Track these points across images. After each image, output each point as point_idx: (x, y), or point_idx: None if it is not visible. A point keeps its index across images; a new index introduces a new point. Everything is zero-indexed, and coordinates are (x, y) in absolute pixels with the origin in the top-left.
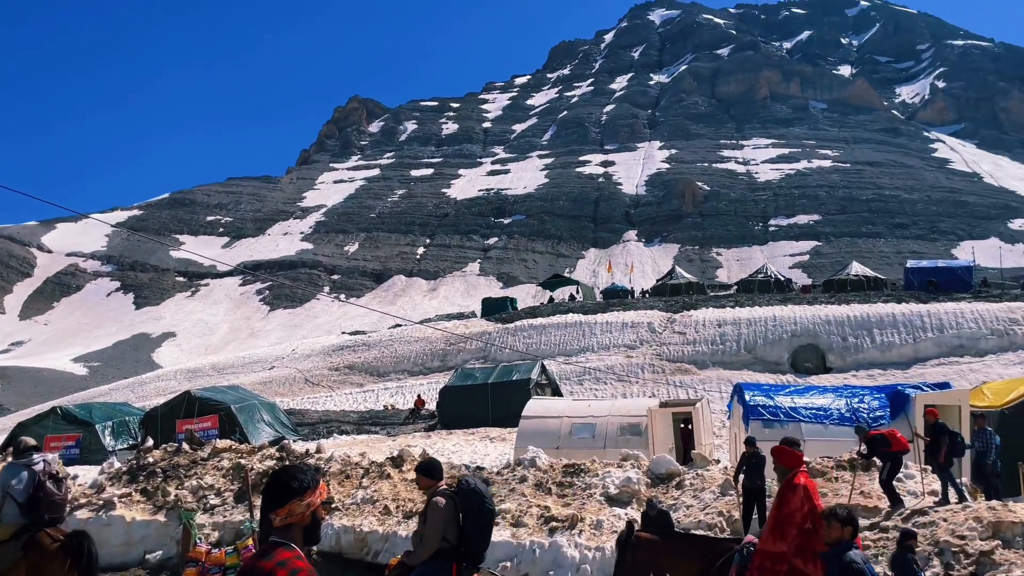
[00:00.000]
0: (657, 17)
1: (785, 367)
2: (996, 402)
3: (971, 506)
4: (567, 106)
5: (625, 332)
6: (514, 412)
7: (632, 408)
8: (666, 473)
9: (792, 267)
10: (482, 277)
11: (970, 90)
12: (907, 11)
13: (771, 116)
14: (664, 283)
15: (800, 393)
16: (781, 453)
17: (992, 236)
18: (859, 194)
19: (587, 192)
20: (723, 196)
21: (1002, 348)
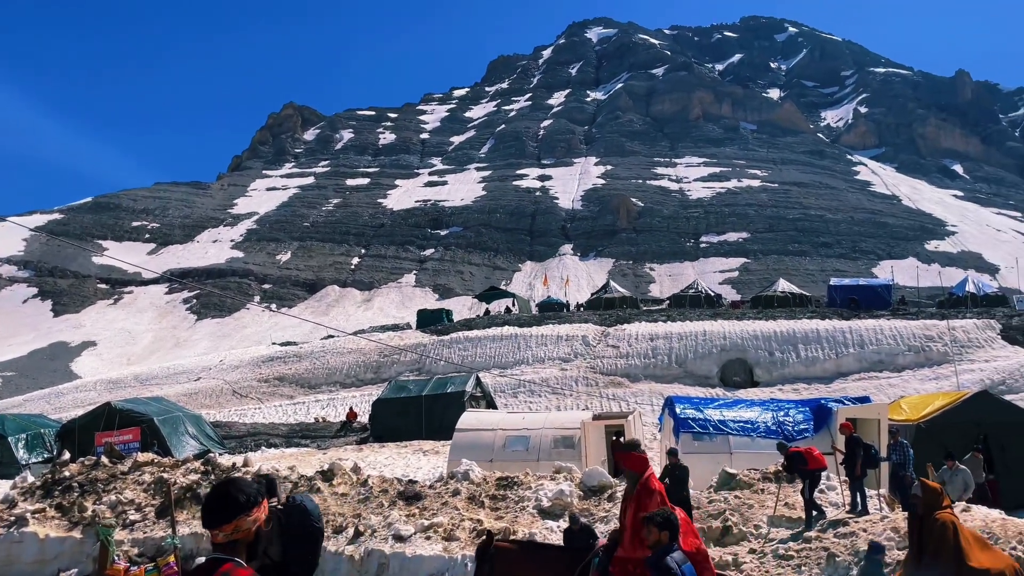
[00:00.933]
0: (594, 35)
1: (714, 381)
2: (913, 416)
3: (889, 516)
4: (505, 120)
5: (560, 345)
6: (448, 425)
7: (566, 421)
8: (598, 485)
9: (722, 283)
10: (418, 288)
11: (890, 116)
12: (833, 38)
13: (703, 136)
14: (599, 297)
15: (728, 406)
16: (628, 458)
17: (910, 256)
18: (786, 213)
19: (524, 205)
20: (656, 212)
21: (918, 364)
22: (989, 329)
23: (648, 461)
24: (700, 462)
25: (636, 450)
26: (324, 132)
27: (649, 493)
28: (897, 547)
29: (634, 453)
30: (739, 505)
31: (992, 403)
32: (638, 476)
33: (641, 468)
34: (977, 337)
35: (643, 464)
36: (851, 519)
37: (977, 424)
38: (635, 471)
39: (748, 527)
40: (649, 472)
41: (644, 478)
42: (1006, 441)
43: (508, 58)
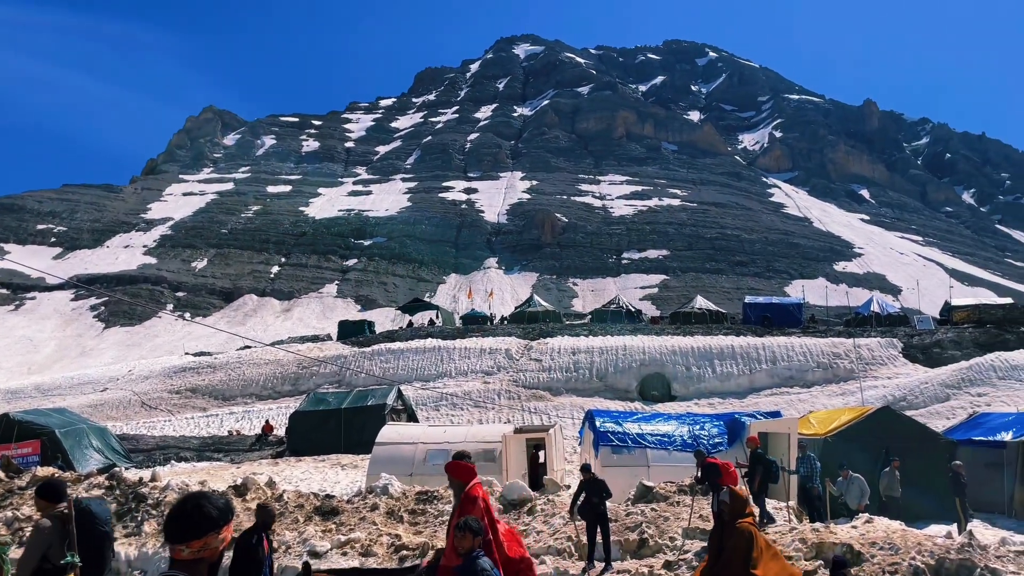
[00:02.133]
0: (522, 51)
1: (634, 395)
2: (820, 431)
3: (797, 528)
4: (432, 131)
5: (483, 358)
6: (368, 438)
7: (487, 434)
8: (518, 499)
9: (642, 299)
10: (339, 299)
11: (803, 141)
12: (750, 64)
13: (626, 154)
14: (522, 310)
15: (647, 420)
16: (455, 468)
17: (820, 276)
18: (704, 232)
19: (450, 218)
20: (580, 228)
21: (827, 380)
22: (892, 347)
23: (474, 471)
24: (619, 475)
25: (464, 459)
26: (245, 137)
27: (471, 502)
28: (805, 557)
29: (460, 463)
30: (655, 518)
31: (894, 418)
32: (463, 485)
33: (466, 478)
34: (881, 355)
35: (469, 474)
36: None
37: (879, 438)
38: (461, 480)
39: (664, 539)
40: (474, 482)
41: (468, 487)
42: (906, 455)
43: (436, 70)
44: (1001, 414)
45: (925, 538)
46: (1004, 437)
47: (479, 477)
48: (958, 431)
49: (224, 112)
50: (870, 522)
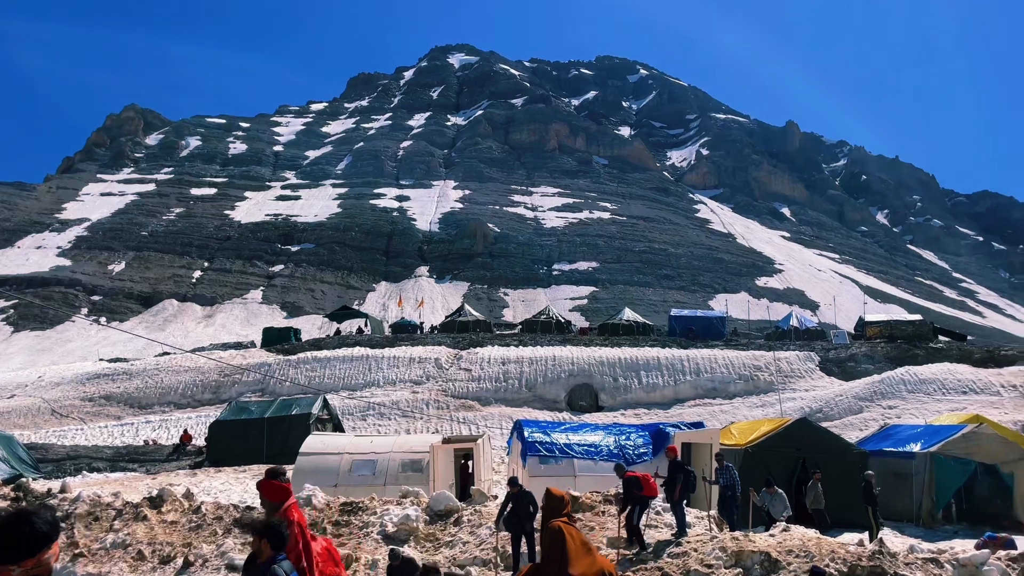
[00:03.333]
0: (456, 61)
1: (562, 405)
2: (741, 441)
3: (718, 537)
4: (364, 137)
5: (412, 367)
6: (292, 448)
7: (415, 444)
8: (445, 510)
9: (572, 310)
10: (265, 305)
11: (728, 159)
12: (679, 83)
13: (558, 167)
14: (453, 320)
15: (574, 430)
16: (266, 488)
17: (742, 291)
18: (633, 245)
19: (381, 225)
20: (512, 239)
21: (748, 392)
22: (809, 361)
23: (288, 491)
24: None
25: (278, 479)
26: (169, 138)
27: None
28: (725, 565)
29: (273, 482)
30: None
31: (810, 429)
32: (277, 506)
33: (278, 498)
34: (799, 368)
35: (282, 494)
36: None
37: (797, 449)
38: (272, 501)
39: None
40: (290, 502)
41: (283, 508)
42: (822, 465)
43: (369, 76)
44: (910, 426)
45: (839, 546)
46: (913, 448)
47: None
48: (870, 442)
49: (147, 111)
50: (787, 531)
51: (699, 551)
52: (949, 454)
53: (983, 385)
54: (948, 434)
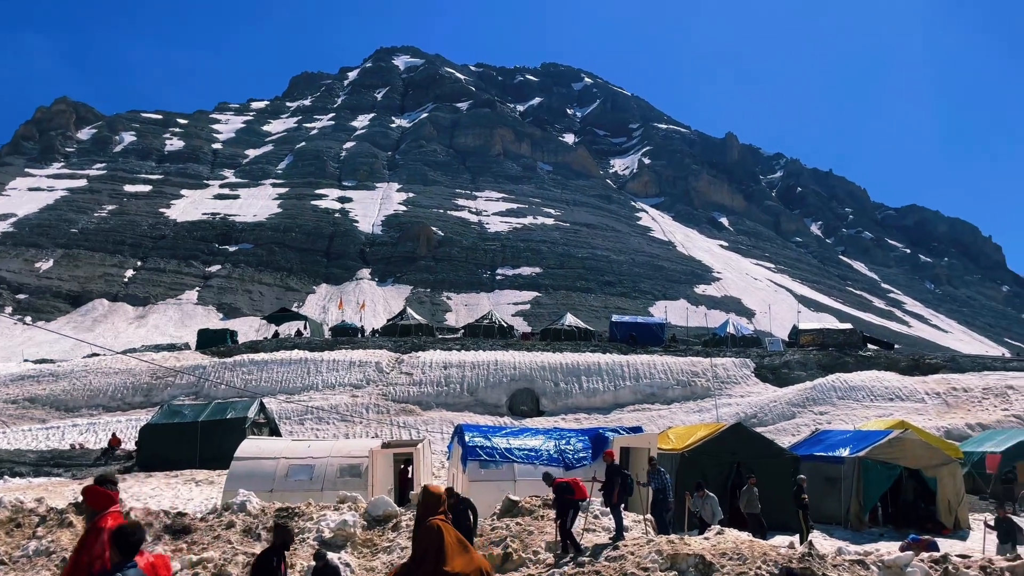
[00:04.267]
0: (401, 63)
1: (504, 410)
2: (678, 446)
3: (654, 540)
4: (306, 137)
5: (352, 371)
6: (227, 453)
7: (353, 449)
8: (383, 515)
9: (515, 315)
10: (200, 307)
11: (669, 169)
12: (623, 92)
13: (503, 172)
14: (395, 323)
15: (515, 435)
16: (91, 493)
17: (681, 298)
18: (575, 252)
19: (322, 226)
20: (456, 243)
21: (685, 397)
22: (745, 367)
23: (112, 499)
24: (486, 489)
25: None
26: (102, 133)
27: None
28: (661, 568)
29: (98, 488)
30: (520, 532)
31: (745, 434)
32: (95, 513)
33: (101, 505)
34: (735, 374)
35: (106, 502)
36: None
37: (732, 454)
38: (92, 508)
39: (528, 553)
40: (109, 511)
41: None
42: (756, 469)
43: (312, 75)
44: (840, 431)
45: (770, 548)
46: (842, 453)
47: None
48: (802, 447)
49: (79, 105)
50: (721, 534)
51: (636, 554)
52: (876, 459)
53: (909, 392)
54: (875, 439)
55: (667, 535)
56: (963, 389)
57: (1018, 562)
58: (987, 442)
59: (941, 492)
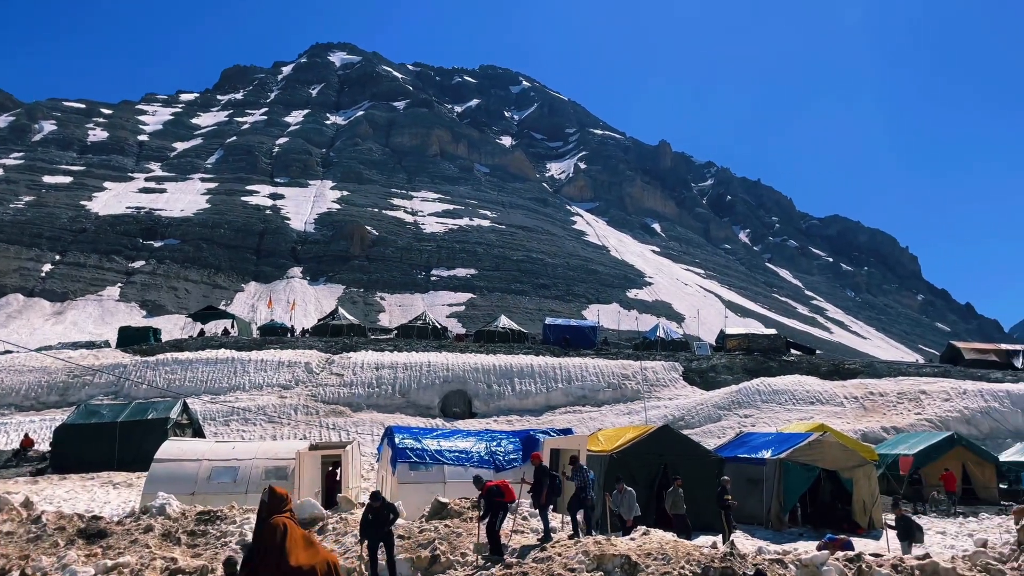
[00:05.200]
0: (337, 59)
1: (436, 411)
2: (607, 447)
3: (582, 541)
4: (237, 132)
5: (281, 371)
6: (147, 454)
7: (280, 450)
8: (310, 517)
9: (449, 316)
10: (122, 303)
11: (604, 174)
12: (560, 97)
13: (440, 172)
14: (326, 323)
15: (446, 436)
16: None
17: (614, 302)
18: (511, 254)
19: (252, 223)
20: (391, 243)
21: (616, 399)
22: (673, 371)
23: None
24: (416, 492)
25: None
26: (20, 121)
27: None
28: (587, 569)
29: None
30: (448, 534)
31: (672, 436)
32: None
33: None
34: (664, 377)
35: None
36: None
37: (659, 455)
38: None
39: (456, 555)
40: None
41: None
42: (682, 470)
43: (245, 69)
44: (763, 434)
45: (694, 548)
46: (764, 455)
47: None
48: (726, 449)
49: None
50: (647, 534)
51: (563, 555)
52: (796, 461)
53: (828, 396)
54: (796, 442)
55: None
56: (879, 394)
57: (927, 560)
58: (900, 445)
59: (857, 493)
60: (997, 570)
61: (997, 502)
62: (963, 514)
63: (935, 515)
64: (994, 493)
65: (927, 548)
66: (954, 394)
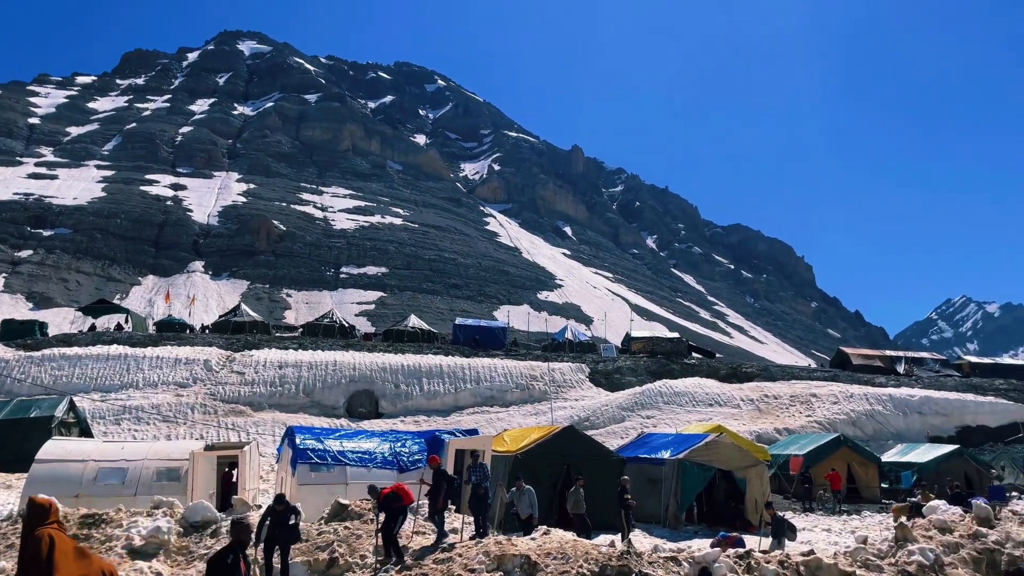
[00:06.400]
0: (247, 48)
1: (341, 411)
2: (512, 448)
3: (483, 542)
4: (137, 118)
5: (178, 369)
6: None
7: (172, 451)
8: (202, 521)
9: (358, 315)
10: (7, 295)
11: (518, 176)
12: (475, 98)
13: (352, 168)
14: (227, 319)
15: (349, 437)
16: None
17: (525, 303)
18: (423, 253)
19: (151, 214)
20: (299, 238)
21: (524, 400)
22: (580, 372)
23: None
24: (316, 493)
25: None
26: None
27: None
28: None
29: None
30: (348, 536)
31: (576, 437)
32: None
33: None
34: (571, 378)
35: None
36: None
37: (563, 455)
38: None
39: (355, 557)
40: None
41: None
42: (585, 471)
43: (147, 53)
44: (663, 434)
45: (592, 547)
46: (664, 455)
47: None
48: (628, 449)
49: None
50: (547, 534)
51: (464, 556)
52: (694, 461)
53: (727, 398)
54: (694, 442)
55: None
56: (774, 396)
57: (811, 557)
58: (792, 446)
59: (749, 492)
60: (876, 566)
61: (879, 501)
62: (847, 512)
63: (822, 513)
64: (876, 492)
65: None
66: (842, 397)
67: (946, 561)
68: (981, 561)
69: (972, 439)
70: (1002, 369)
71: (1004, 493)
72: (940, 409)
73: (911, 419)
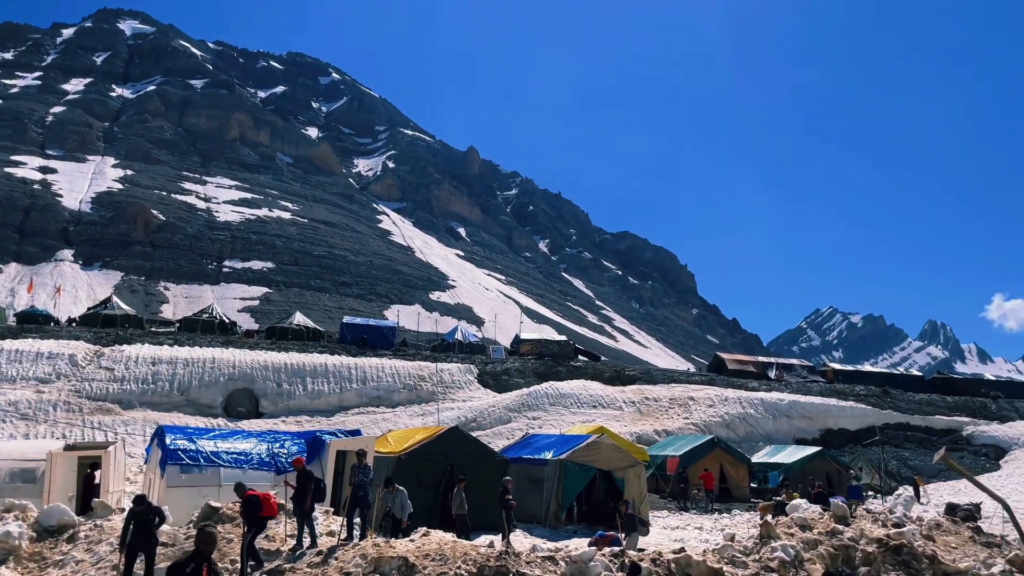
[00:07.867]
0: (128, 28)
1: (218, 411)
2: (396, 448)
3: (360, 544)
4: (4, 95)
5: (40, 363)
6: None
7: (28, 451)
8: (58, 525)
9: (241, 310)
10: None
11: (413, 175)
12: (371, 93)
13: (238, 159)
14: (97, 312)
15: (224, 437)
16: None
17: (416, 303)
18: (312, 249)
19: (16, 198)
20: (179, 229)
21: (411, 401)
22: (469, 373)
23: None
24: (186, 495)
25: None
26: None
27: None
28: (364, 572)
29: None
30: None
31: (461, 438)
32: None
33: None
34: (459, 379)
35: None
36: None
37: (447, 456)
38: None
39: (224, 562)
40: None
41: None
42: (468, 471)
43: (17, 27)
44: (547, 435)
45: (471, 548)
46: (547, 456)
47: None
48: (512, 450)
49: None
50: (427, 535)
51: (340, 559)
52: (575, 461)
53: (610, 400)
54: (576, 443)
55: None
56: (654, 399)
57: (682, 554)
58: (669, 447)
59: (628, 491)
60: (741, 562)
61: (748, 499)
62: (719, 511)
63: (695, 512)
64: (746, 491)
65: (685, 543)
66: (717, 401)
67: (805, 557)
68: (837, 556)
69: (834, 441)
70: (862, 376)
71: (861, 492)
72: (806, 413)
73: (780, 422)
